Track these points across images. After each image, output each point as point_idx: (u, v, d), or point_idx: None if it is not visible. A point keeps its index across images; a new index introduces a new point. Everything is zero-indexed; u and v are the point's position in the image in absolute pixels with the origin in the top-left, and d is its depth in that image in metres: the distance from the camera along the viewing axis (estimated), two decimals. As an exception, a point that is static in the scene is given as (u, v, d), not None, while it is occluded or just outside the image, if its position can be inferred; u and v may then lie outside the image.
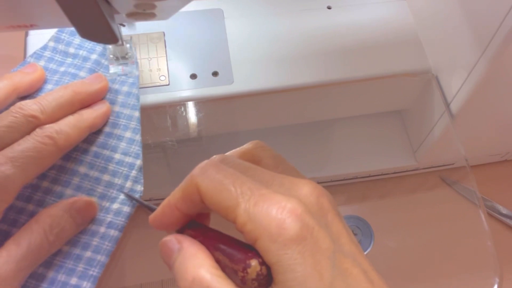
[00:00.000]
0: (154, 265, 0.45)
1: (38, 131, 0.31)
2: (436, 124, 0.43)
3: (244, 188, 0.23)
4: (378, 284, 0.23)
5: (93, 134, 0.36)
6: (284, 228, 0.21)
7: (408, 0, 0.46)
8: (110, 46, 0.39)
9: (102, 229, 0.33)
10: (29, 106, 0.32)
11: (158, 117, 0.42)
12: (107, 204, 0.34)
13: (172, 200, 0.25)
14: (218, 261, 0.23)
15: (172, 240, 0.25)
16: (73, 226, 0.32)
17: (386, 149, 0.50)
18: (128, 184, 0.35)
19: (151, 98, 0.39)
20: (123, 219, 0.34)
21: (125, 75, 0.38)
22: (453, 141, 0.43)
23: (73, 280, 0.32)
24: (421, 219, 0.49)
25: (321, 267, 0.21)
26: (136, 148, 0.36)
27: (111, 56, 0.39)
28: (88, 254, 0.32)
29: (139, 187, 0.35)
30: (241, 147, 0.29)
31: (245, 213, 0.22)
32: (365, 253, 0.36)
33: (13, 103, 0.33)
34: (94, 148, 0.35)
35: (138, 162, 0.35)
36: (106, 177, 0.35)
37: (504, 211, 0.50)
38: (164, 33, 0.42)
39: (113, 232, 0.33)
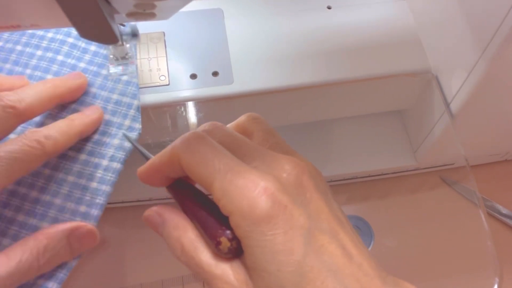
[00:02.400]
0: (154, 265, 0.46)
1: (27, 134, 0.31)
2: (436, 124, 0.43)
3: (221, 164, 0.23)
4: (358, 258, 0.23)
5: (93, 76, 0.38)
6: (255, 207, 0.22)
7: (408, 0, 0.46)
8: (110, 46, 0.39)
9: (105, 162, 0.35)
10: (7, 97, 0.32)
11: (158, 117, 0.42)
12: (108, 140, 0.36)
13: (156, 164, 0.26)
14: (197, 228, 0.24)
15: (153, 215, 0.26)
16: (68, 252, 0.31)
17: (386, 149, 0.50)
18: (127, 122, 0.36)
19: (151, 98, 0.39)
20: (124, 153, 0.35)
21: (125, 74, 0.39)
22: (453, 141, 0.43)
23: (82, 208, 0.33)
24: (421, 219, 0.49)
25: (293, 244, 0.22)
26: (133, 89, 0.38)
27: (111, 56, 0.39)
28: (94, 184, 0.34)
29: (137, 125, 0.37)
30: (236, 120, 0.29)
31: (220, 189, 0.23)
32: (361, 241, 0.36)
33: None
34: (93, 90, 0.37)
35: (135, 102, 0.37)
36: (105, 116, 0.36)
37: (504, 211, 0.50)
38: (164, 33, 0.42)
39: (116, 165, 0.35)
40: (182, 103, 0.41)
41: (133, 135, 0.36)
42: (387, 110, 0.49)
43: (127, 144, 0.35)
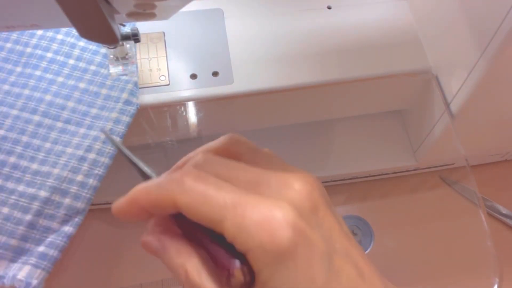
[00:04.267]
0: (154, 265, 0.45)
1: None
2: (436, 124, 0.43)
3: (227, 198, 0.21)
4: (369, 275, 0.22)
5: (92, 55, 0.39)
6: (276, 239, 0.20)
7: (409, 0, 0.46)
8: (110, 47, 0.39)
9: (103, 136, 0.36)
10: None
11: (158, 117, 0.42)
12: (106, 114, 0.37)
13: (141, 202, 0.23)
14: (201, 255, 0.23)
15: (152, 241, 0.24)
16: None
17: (386, 149, 0.50)
18: (124, 95, 0.38)
19: (151, 98, 0.39)
20: (123, 127, 0.37)
21: (125, 74, 0.39)
22: (453, 141, 0.43)
23: (79, 177, 0.35)
24: (421, 219, 0.49)
25: (314, 271, 0.21)
26: (132, 68, 0.39)
27: (111, 56, 0.39)
28: (92, 156, 0.35)
29: (135, 100, 0.38)
30: (215, 142, 0.27)
31: (233, 227, 0.21)
32: (365, 253, 0.37)
33: None
34: (93, 68, 0.39)
35: (134, 78, 0.38)
36: (103, 91, 0.38)
37: (504, 211, 0.50)
38: (164, 33, 0.42)
39: (114, 138, 0.36)
40: (182, 103, 0.41)
41: (131, 109, 0.37)
42: (387, 110, 0.49)
43: (125, 119, 0.37)
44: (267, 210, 0.21)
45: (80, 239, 0.47)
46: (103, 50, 0.39)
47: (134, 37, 0.38)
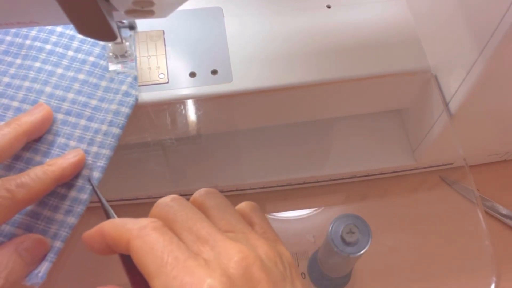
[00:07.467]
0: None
1: None
2: (435, 123, 0.43)
3: (171, 257, 0.22)
4: None
5: (91, 46, 0.39)
6: None
7: (408, -1, 0.46)
8: (109, 44, 0.39)
9: (104, 127, 0.36)
10: None
11: (157, 115, 0.42)
12: (106, 106, 0.37)
13: (106, 234, 0.25)
14: None
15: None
16: (23, 266, 0.30)
17: (385, 148, 0.50)
18: (124, 87, 0.38)
19: (150, 96, 0.39)
20: (123, 118, 0.37)
21: (124, 73, 0.39)
22: (452, 140, 0.43)
23: (85, 172, 0.35)
24: (420, 218, 0.49)
25: None
26: (131, 63, 0.39)
27: (110, 54, 0.39)
28: (94, 149, 0.35)
29: (134, 92, 0.38)
30: (193, 195, 0.28)
31: (162, 285, 0.22)
32: (363, 252, 0.37)
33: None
34: (91, 59, 0.39)
35: (133, 71, 0.39)
36: (103, 83, 0.38)
37: (504, 211, 0.49)
38: (163, 31, 0.42)
39: (115, 130, 0.36)
40: (181, 101, 0.41)
41: (130, 100, 0.38)
42: (386, 109, 0.49)
43: (125, 110, 0.37)
44: (198, 277, 0.22)
45: (79, 235, 0.47)
46: (102, 42, 0.40)
47: (130, 26, 0.39)
